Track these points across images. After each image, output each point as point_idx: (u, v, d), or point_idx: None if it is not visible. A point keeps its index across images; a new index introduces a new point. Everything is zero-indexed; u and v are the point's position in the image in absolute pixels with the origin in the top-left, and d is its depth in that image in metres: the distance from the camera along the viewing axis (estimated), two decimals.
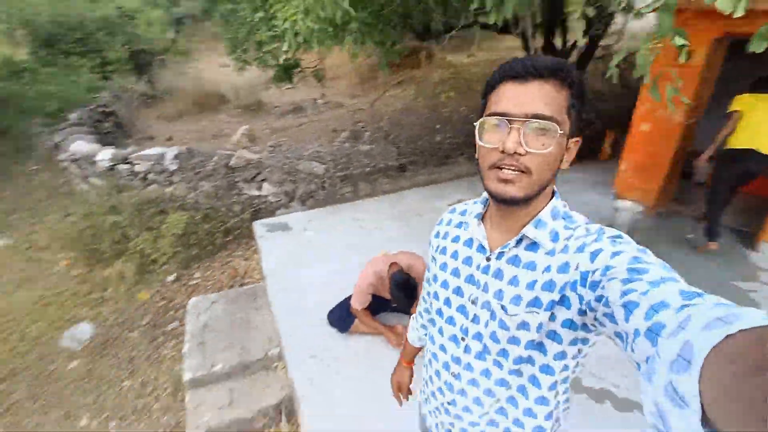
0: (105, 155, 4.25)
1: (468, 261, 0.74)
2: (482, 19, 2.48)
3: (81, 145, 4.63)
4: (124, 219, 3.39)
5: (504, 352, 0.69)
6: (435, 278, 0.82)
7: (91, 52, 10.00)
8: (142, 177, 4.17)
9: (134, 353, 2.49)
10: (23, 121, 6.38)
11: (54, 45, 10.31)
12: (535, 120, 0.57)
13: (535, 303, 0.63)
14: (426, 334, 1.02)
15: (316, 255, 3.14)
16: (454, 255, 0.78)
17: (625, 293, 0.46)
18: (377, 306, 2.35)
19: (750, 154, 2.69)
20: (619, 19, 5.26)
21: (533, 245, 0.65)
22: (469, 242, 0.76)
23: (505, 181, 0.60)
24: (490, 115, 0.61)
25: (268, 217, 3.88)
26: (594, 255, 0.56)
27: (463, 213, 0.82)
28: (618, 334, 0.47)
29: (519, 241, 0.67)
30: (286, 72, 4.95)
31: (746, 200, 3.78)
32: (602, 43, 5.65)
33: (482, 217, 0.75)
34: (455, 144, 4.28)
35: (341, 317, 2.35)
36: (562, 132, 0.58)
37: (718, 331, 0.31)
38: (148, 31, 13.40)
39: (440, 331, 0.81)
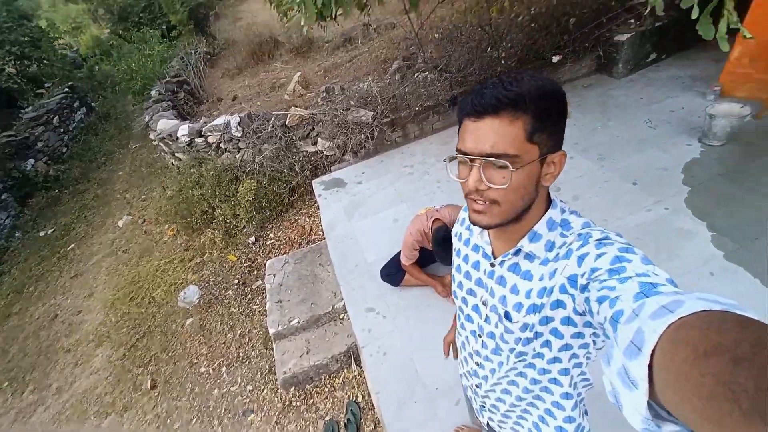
0: (183, 131, 4.74)
1: (476, 265, 0.80)
2: None
3: (164, 123, 5.21)
4: (207, 191, 3.88)
5: (513, 350, 0.75)
6: (453, 277, 0.89)
7: (156, 18, 10.62)
8: (215, 148, 4.60)
9: (232, 309, 3.06)
10: (119, 102, 7.34)
11: (127, 18, 11.16)
12: (489, 158, 0.58)
13: (534, 309, 0.67)
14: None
15: (368, 208, 3.25)
16: (465, 258, 0.83)
17: (599, 290, 0.51)
18: (427, 258, 2.42)
19: None
20: None
21: (530, 256, 0.68)
22: (476, 247, 0.80)
23: (478, 212, 0.64)
24: (456, 150, 0.64)
25: (325, 172, 4.04)
26: (581, 259, 0.59)
27: None
28: (601, 326, 0.51)
29: (517, 252, 0.70)
30: (326, 8, 4.62)
31: None
32: None
33: None
34: (513, 61, 3.68)
35: (392, 273, 2.50)
36: (517, 167, 0.57)
37: (662, 320, 0.35)
38: None
39: (462, 326, 0.88)
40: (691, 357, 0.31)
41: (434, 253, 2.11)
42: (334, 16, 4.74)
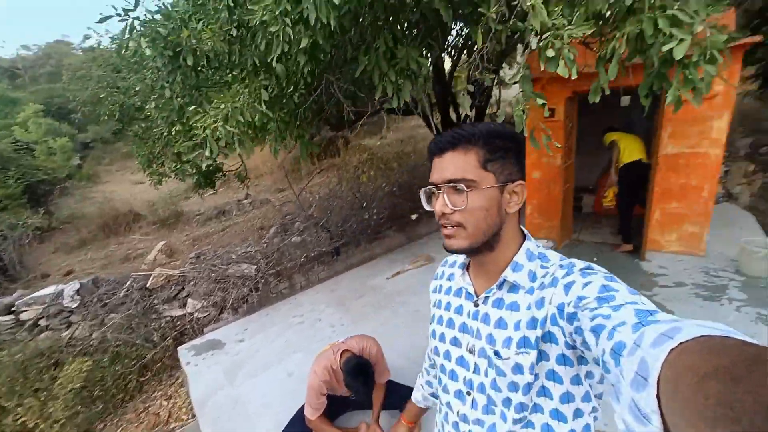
0: None
1: (459, 310, 0.77)
2: (387, 106, 2.79)
3: None
4: None
5: (508, 402, 0.67)
6: (434, 333, 0.83)
7: None
8: (30, 326, 3.48)
9: None
10: None
11: None
12: (449, 184, 0.66)
13: (525, 343, 0.64)
14: (432, 394, 1.01)
15: (256, 365, 2.75)
16: (447, 306, 0.80)
17: (592, 319, 0.50)
18: (336, 407, 2.06)
19: (638, 162, 3.69)
20: (495, 91, 6.30)
21: (514, 287, 0.68)
22: (458, 292, 0.79)
23: (448, 236, 0.68)
24: (428, 184, 0.71)
25: (195, 336, 3.40)
26: (567, 287, 0.59)
27: (452, 265, 0.86)
28: (594, 360, 0.49)
29: (501, 285, 0.69)
30: (208, 178, 4.86)
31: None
32: (489, 111, 6.70)
33: (467, 267, 0.79)
34: (382, 219, 4.40)
35: None
36: (473, 189, 0.65)
37: (663, 347, 0.35)
38: (49, 161, 12.57)
39: (445, 389, 0.79)
40: (693, 381, 0.30)
41: (348, 387, 1.85)
42: (214, 186, 5.00)
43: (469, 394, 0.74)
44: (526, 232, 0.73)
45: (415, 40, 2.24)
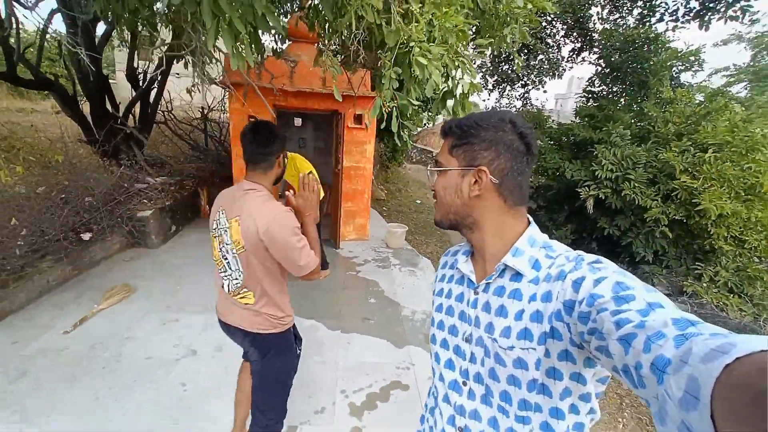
0: None
1: (460, 297, 0.77)
2: None
3: None
4: None
5: (506, 396, 0.66)
6: (433, 320, 0.83)
7: None
8: None
9: None
10: None
11: None
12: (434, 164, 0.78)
13: (525, 335, 0.62)
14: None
15: None
16: (449, 294, 0.80)
17: (618, 324, 0.46)
18: None
19: None
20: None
21: (517, 275, 0.67)
22: (460, 279, 0.79)
23: None
24: None
25: None
26: (577, 284, 0.56)
27: (455, 253, 0.86)
28: (621, 370, 0.46)
29: (502, 272, 0.69)
30: None
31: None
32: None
33: (471, 254, 0.79)
34: (34, 244, 2.69)
35: None
36: (441, 169, 0.75)
37: (717, 363, 0.32)
38: None
39: (441, 378, 0.78)
40: (750, 399, 0.28)
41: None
42: None
43: (465, 384, 0.73)
44: (530, 219, 0.74)
45: None
